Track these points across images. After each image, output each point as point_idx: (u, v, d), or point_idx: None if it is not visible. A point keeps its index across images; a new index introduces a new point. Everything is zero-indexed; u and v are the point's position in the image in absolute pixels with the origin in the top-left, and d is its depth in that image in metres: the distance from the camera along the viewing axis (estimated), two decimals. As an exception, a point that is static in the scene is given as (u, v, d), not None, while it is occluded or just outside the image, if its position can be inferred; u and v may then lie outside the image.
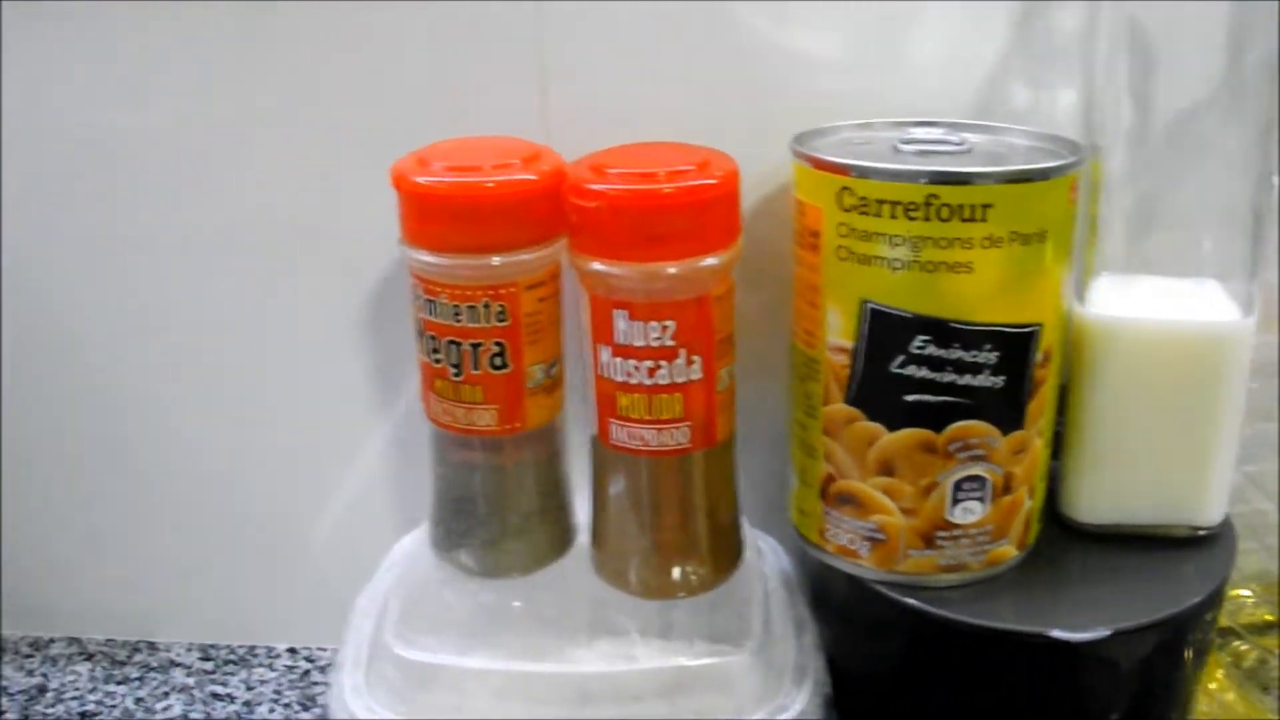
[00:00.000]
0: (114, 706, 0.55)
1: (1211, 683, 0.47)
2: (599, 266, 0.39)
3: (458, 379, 0.42)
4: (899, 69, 0.47)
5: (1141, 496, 0.44)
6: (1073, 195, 0.39)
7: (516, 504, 0.45)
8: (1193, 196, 0.43)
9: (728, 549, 0.44)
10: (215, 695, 0.55)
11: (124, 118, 0.50)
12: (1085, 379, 0.43)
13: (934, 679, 0.43)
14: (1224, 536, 0.44)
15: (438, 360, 0.42)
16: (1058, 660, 0.40)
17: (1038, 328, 0.40)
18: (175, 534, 0.57)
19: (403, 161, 0.41)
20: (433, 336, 0.42)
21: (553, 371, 0.43)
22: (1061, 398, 0.43)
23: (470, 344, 0.41)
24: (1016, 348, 0.40)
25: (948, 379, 0.39)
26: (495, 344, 0.41)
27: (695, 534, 0.43)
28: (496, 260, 0.40)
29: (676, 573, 0.43)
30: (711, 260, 0.39)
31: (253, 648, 0.58)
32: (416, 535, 0.50)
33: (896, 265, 0.38)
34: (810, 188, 0.40)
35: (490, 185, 0.40)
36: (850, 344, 0.40)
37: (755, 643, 0.43)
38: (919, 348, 0.39)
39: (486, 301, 0.41)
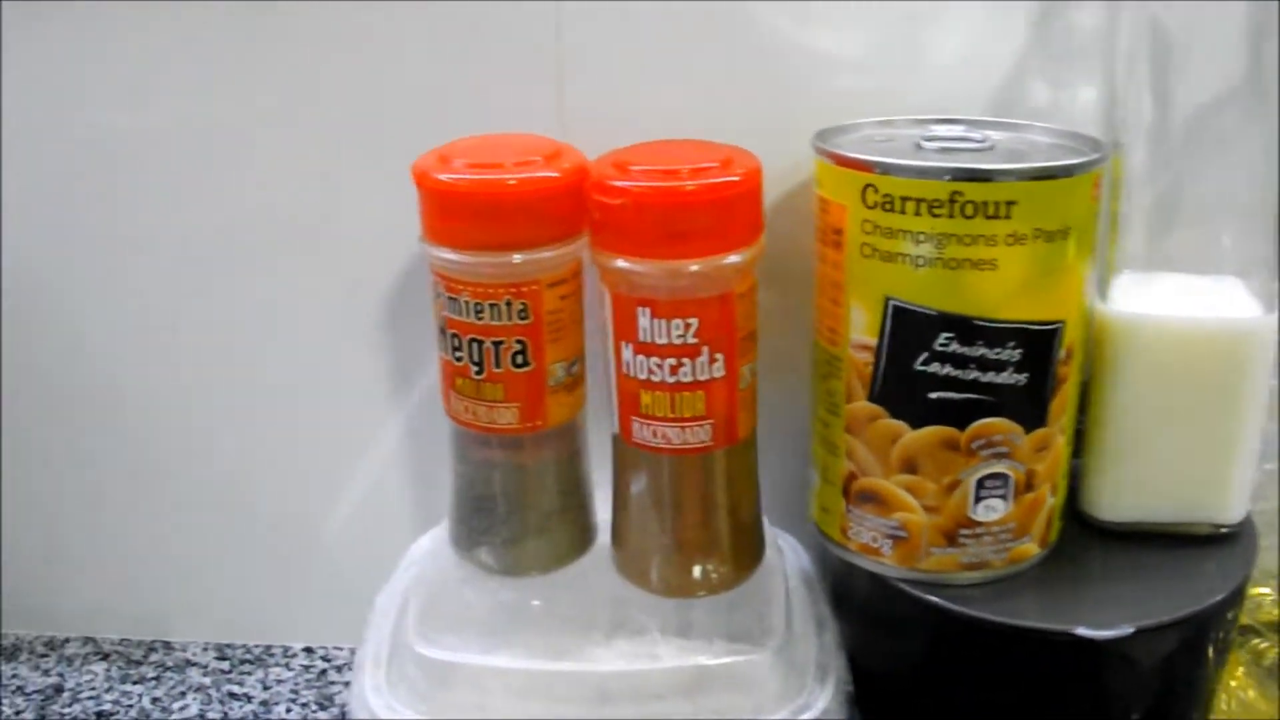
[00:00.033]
0: (130, 706, 0.55)
1: (1232, 680, 0.47)
2: (622, 264, 0.39)
3: (479, 377, 0.42)
4: (919, 68, 0.47)
5: (1163, 494, 0.44)
6: (1096, 192, 0.39)
7: (537, 502, 0.45)
8: (1213, 193, 0.43)
9: (749, 547, 0.44)
10: (232, 695, 0.55)
11: (124, 118, 0.50)
12: (1107, 377, 0.43)
13: (956, 677, 0.43)
14: (1245, 534, 0.44)
15: (459, 358, 0.42)
16: (1081, 658, 0.40)
17: (1061, 325, 0.40)
18: (189, 533, 0.57)
19: (424, 159, 0.41)
20: (455, 334, 0.42)
21: (574, 369, 0.43)
22: (1082, 395, 0.43)
23: (492, 342, 0.41)
24: (1040, 345, 0.39)
25: (971, 376, 0.39)
26: (517, 342, 0.41)
27: (717, 532, 0.43)
28: (518, 258, 0.40)
29: (698, 571, 0.43)
30: (734, 258, 0.39)
31: (269, 647, 0.58)
32: (436, 533, 0.50)
33: (920, 262, 0.38)
34: (833, 185, 0.40)
35: (512, 182, 0.40)
36: (873, 341, 0.40)
37: (777, 641, 0.43)
38: (942, 345, 0.39)
39: (509, 299, 0.41)
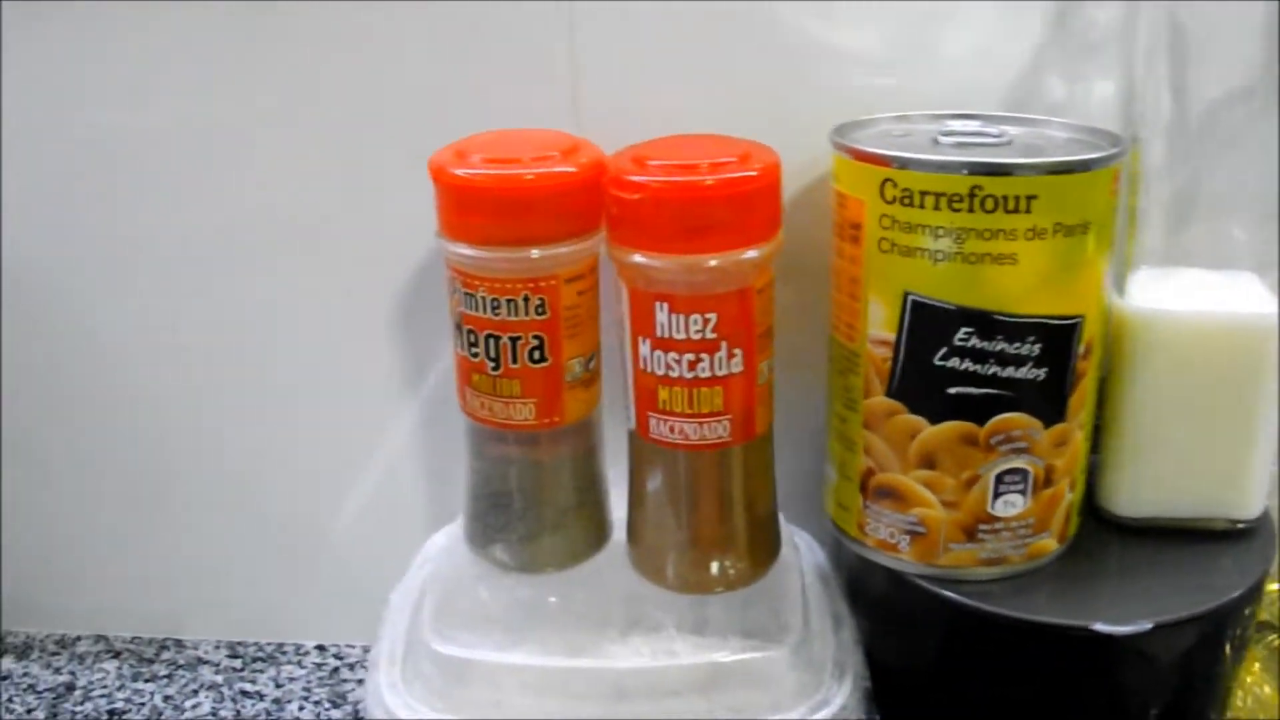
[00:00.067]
0: (142, 704, 0.55)
1: (1248, 676, 0.47)
2: (640, 259, 0.39)
3: (496, 373, 0.42)
4: (935, 64, 0.47)
5: (1180, 489, 0.44)
6: (1115, 186, 0.39)
7: (553, 499, 0.45)
8: (1231, 189, 0.43)
9: (766, 543, 0.44)
10: (244, 693, 0.55)
11: (124, 118, 0.50)
12: (1124, 372, 0.43)
13: (973, 672, 0.43)
14: (1262, 529, 0.44)
15: (475, 354, 0.42)
16: (1099, 654, 0.40)
17: (1080, 319, 0.40)
18: (201, 531, 0.57)
19: (440, 154, 0.41)
20: (471, 330, 0.42)
21: (591, 365, 0.43)
22: (1100, 391, 0.43)
23: (509, 337, 0.41)
24: (1059, 340, 0.39)
25: (990, 371, 0.39)
26: (534, 337, 0.41)
27: (734, 528, 0.43)
28: (536, 253, 0.40)
29: (715, 567, 0.43)
30: (753, 252, 0.39)
31: (281, 645, 0.58)
32: (450, 530, 0.49)
33: (939, 257, 0.38)
34: (851, 180, 0.40)
35: (530, 177, 0.40)
36: (892, 336, 0.40)
37: (795, 638, 0.42)
38: (962, 340, 0.39)
39: (526, 295, 0.41)
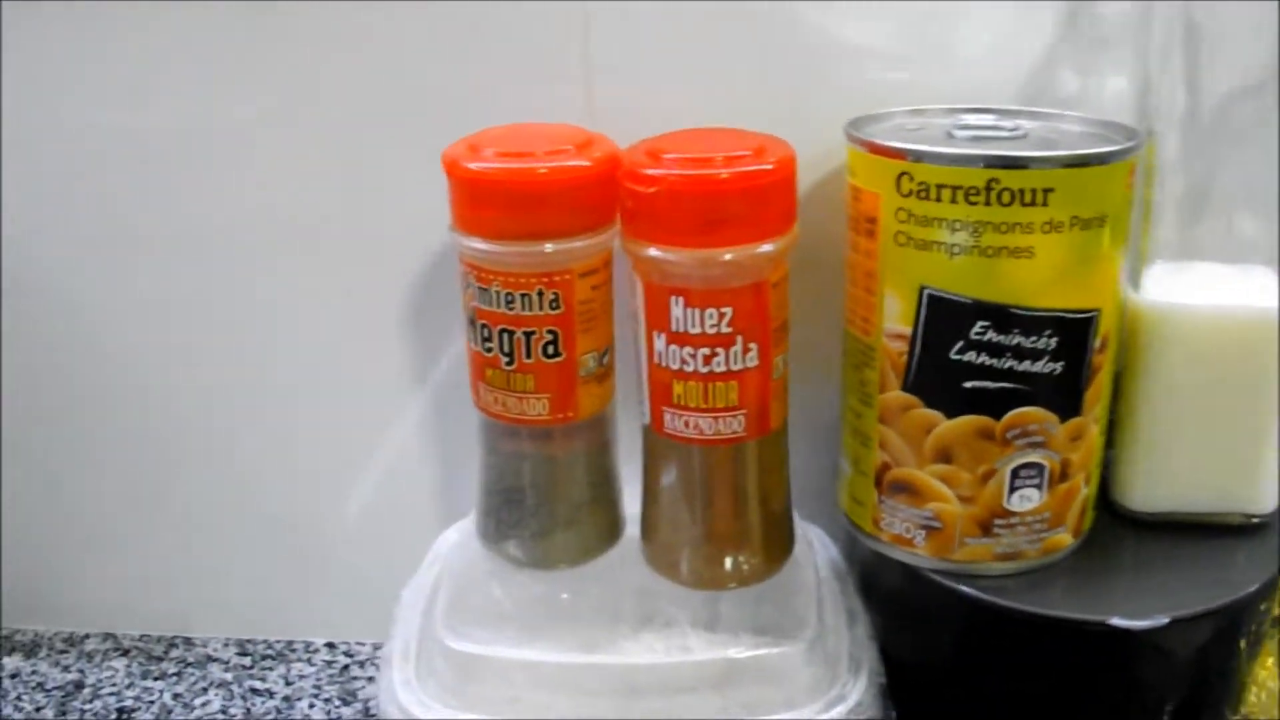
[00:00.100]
0: (151, 702, 0.55)
1: (1262, 670, 0.47)
2: (655, 253, 0.39)
3: (509, 368, 0.42)
4: (949, 58, 0.46)
5: (1195, 484, 0.44)
6: (1131, 179, 0.39)
7: (567, 494, 0.44)
8: (1246, 183, 0.43)
9: (780, 538, 0.44)
10: (254, 690, 0.55)
11: (124, 118, 0.50)
12: (1139, 366, 0.43)
13: (989, 667, 0.43)
14: (1277, 524, 0.44)
15: (489, 349, 0.42)
16: (1115, 648, 0.40)
17: (1096, 313, 0.39)
18: (209, 529, 0.57)
19: (453, 147, 0.41)
20: (485, 325, 0.42)
21: (605, 360, 0.43)
22: (1114, 385, 0.43)
23: (523, 332, 0.41)
24: (1076, 333, 0.39)
25: (1006, 365, 0.39)
26: (548, 332, 0.41)
27: (748, 523, 0.43)
28: (550, 247, 0.40)
29: (729, 563, 0.43)
30: (768, 246, 0.39)
31: (290, 642, 0.58)
32: (463, 526, 0.49)
33: (955, 250, 0.38)
34: (867, 173, 0.40)
35: (544, 171, 0.40)
36: (908, 330, 0.40)
37: (810, 634, 0.42)
38: (978, 334, 0.39)
39: (540, 289, 0.40)
